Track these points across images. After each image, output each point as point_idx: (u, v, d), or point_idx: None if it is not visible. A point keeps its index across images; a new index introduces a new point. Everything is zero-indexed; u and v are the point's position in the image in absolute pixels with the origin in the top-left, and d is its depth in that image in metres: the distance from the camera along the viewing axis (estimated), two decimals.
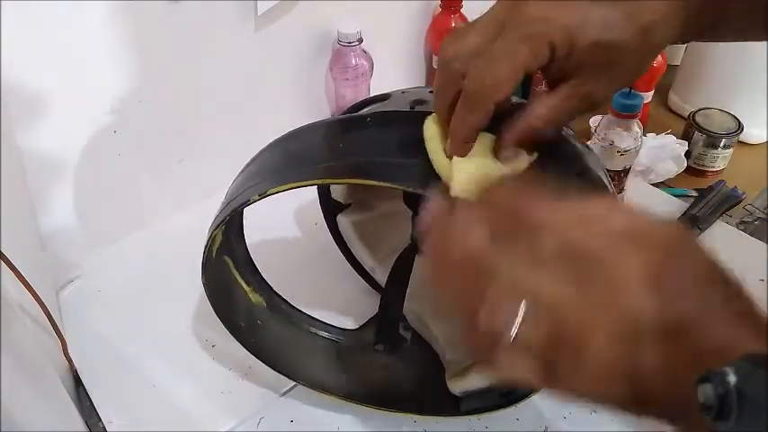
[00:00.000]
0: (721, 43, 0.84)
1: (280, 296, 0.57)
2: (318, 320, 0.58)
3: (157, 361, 0.59)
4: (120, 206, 0.70)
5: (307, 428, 0.54)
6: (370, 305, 0.60)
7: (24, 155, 0.59)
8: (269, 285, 0.57)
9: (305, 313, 0.58)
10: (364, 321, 0.60)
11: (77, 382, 0.58)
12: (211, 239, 0.47)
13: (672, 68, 0.92)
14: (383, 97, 0.48)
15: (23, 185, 0.60)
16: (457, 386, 0.50)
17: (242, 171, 0.49)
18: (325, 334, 0.58)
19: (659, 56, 0.85)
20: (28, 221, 0.61)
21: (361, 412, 0.55)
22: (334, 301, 0.63)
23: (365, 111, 0.47)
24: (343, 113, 0.52)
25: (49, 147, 0.61)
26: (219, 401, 0.56)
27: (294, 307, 0.58)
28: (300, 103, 0.81)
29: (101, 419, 0.54)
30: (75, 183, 0.65)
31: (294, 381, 0.55)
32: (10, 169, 0.55)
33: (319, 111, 0.83)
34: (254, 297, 0.56)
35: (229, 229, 0.52)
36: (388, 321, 0.57)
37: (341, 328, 0.59)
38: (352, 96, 0.80)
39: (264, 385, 0.56)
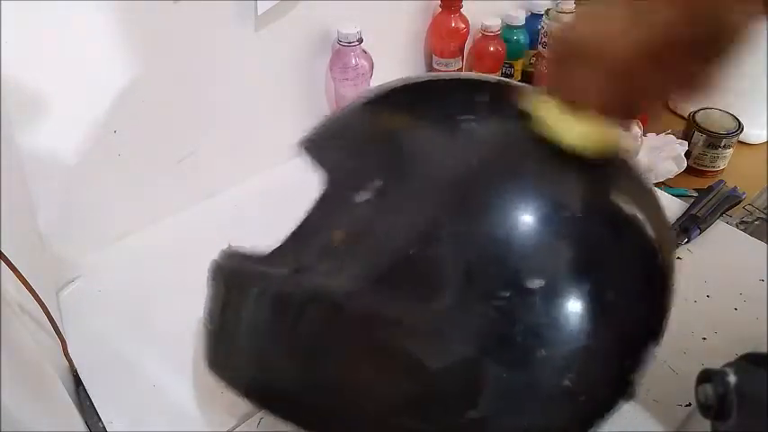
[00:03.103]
0: None
1: None
2: None
3: (157, 361, 0.59)
4: (120, 206, 0.70)
5: None
6: None
7: (24, 155, 0.59)
8: None
9: None
10: None
11: (77, 382, 0.58)
12: None
13: None
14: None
15: (23, 185, 0.60)
16: None
17: None
18: None
19: None
20: (28, 221, 0.61)
21: None
22: None
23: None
24: None
25: (49, 147, 0.61)
26: (219, 401, 0.56)
27: None
28: (300, 103, 0.81)
29: (101, 419, 0.54)
30: (76, 182, 0.65)
31: None
32: (10, 169, 0.55)
33: (319, 111, 0.83)
34: None
35: None
36: None
37: None
38: (352, 96, 0.80)
39: None
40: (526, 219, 0.34)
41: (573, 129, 0.36)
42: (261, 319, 0.40)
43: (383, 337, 0.35)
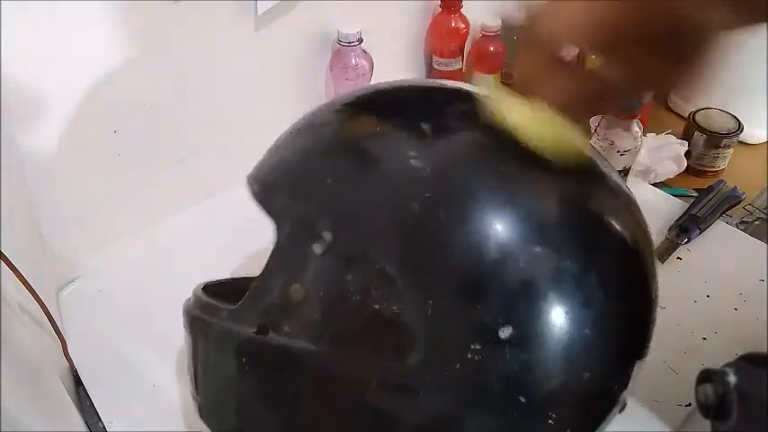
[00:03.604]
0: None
1: None
2: None
3: (157, 361, 0.59)
4: (120, 206, 0.70)
5: None
6: None
7: (24, 155, 0.59)
8: None
9: None
10: None
11: (77, 382, 0.58)
12: None
13: None
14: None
15: (23, 185, 0.60)
16: None
17: None
18: None
19: None
20: (28, 221, 0.61)
21: None
22: None
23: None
24: None
25: (49, 147, 0.61)
26: None
27: None
28: (300, 104, 0.81)
29: (101, 419, 0.54)
30: (76, 182, 0.65)
31: None
32: (10, 169, 0.55)
33: None
34: None
35: None
36: None
37: None
38: None
39: None
40: (491, 261, 0.32)
41: (527, 119, 0.34)
42: (231, 377, 0.40)
43: (356, 396, 0.34)
